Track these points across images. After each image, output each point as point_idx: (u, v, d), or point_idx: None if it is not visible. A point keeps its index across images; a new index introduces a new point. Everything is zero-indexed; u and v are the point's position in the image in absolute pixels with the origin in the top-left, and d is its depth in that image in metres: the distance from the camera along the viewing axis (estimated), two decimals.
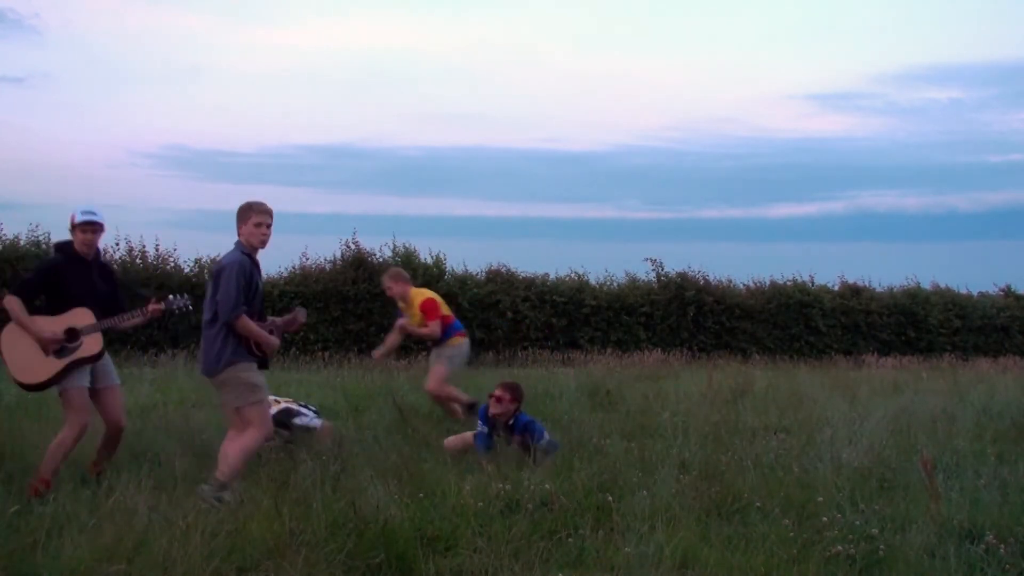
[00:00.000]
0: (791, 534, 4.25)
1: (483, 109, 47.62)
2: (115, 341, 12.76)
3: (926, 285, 20.00)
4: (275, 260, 15.71)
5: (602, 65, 49.17)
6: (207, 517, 4.00)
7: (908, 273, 20.30)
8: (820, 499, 4.83)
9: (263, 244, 5.06)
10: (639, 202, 45.55)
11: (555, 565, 3.92)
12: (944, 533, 4.32)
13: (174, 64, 43.49)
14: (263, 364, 5.09)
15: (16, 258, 13.72)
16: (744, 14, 49.19)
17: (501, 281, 16.78)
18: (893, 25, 48.59)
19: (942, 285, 20.18)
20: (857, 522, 4.49)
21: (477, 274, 16.85)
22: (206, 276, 12.54)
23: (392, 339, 7.82)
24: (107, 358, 5.31)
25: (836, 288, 19.24)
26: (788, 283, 18.71)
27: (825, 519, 4.49)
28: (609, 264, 18.40)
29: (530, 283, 16.97)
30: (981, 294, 20.80)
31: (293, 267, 16.07)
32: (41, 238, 14.25)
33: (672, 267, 18.07)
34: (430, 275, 15.76)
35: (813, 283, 18.99)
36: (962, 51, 49.99)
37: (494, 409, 6.09)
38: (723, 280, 18.41)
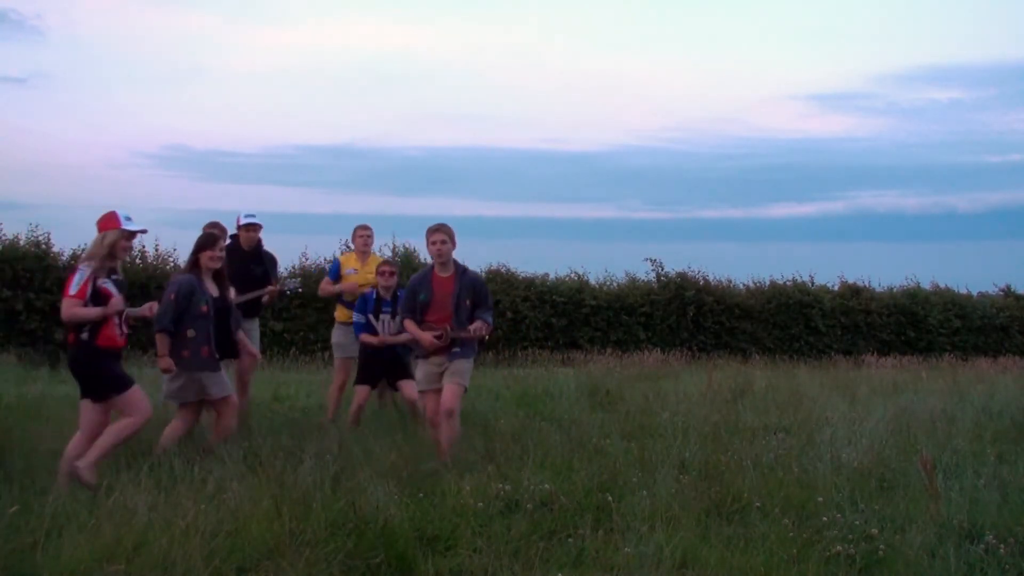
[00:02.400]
0: (791, 534, 4.25)
1: (483, 109, 47.62)
2: None
3: (926, 285, 20.01)
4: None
5: (602, 65, 49.17)
6: (207, 517, 4.00)
7: (908, 273, 20.33)
8: (820, 499, 4.84)
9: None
10: (639, 202, 45.55)
11: (555, 565, 3.92)
12: (944, 533, 4.32)
13: (175, 64, 43.51)
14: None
15: (16, 258, 13.70)
16: (744, 14, 49.19)
17: (501, 281, 16.78)
18: (893, 25, 48.60)
19: (942, 285, 20.19)
20: (857, 522, 4.49)
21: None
22: None
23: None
24: (246, 327, 6.59)
25: (836, 288, 19.24)
26: (788, 283, 18.71)
27: (825, 519, 4.49)
28: (609, 264, 18.41)
29: (530, 283, 16.98)
30: (981, 294, 20.81)
31: (293, 267, 16.07)
32: (41, 238, 14.24)
33: (672, 267, 18.09)
34: None
35: (813, 283, 18.99)
36: (962, 51, 49.99)
37: (387, 282, 7.01)
38: (723, 280, 18.42)
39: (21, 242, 14.17)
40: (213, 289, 5.89)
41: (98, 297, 5.09)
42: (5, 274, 13.45)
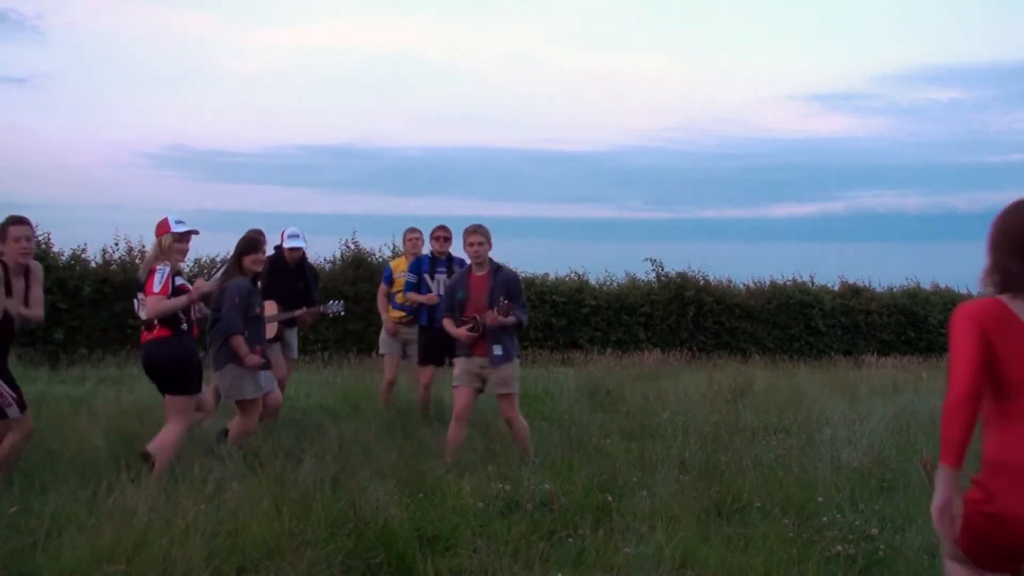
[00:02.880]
0: (791, 534, 4.25)
1: (483, 109, 47.83)
2: (115, 341, 12.78)
3: (926, 285, 19.97)
4: None
5: (602, 65, 49.27)
6: (207, 517, 4.00)
7: (908, 273, 20.26)
8: (820, 499, 4.84)
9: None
10: (639, 202, 45.76)
11: (555, 565, 3.92)
12: None
13: (175, 64, 43.62)
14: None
15: None
16: (744, 14, 49.25)
17: None
18: (893, 26, 48.69)
19: (942, 285, 20.16)
20: (857, 522, 4.50)
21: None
22: (205, 277, 12.57)
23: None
24: (287, 338, 6.95)
25: (836, 288, 19.22)
26: (788, 283, 18.69)
27: (825, 519, 4.49)
28: (609, 264, 18.34)
29: (530, 283, 16.95)
30: (981, 294, 20.78)
31: None
32: (41, 238, 14.21)
33: (672, 267, 18.04)
34: None
35: (813, 283, 18.96)
36: (962, 52, 50.13)
37: (441, 247, 7.36)
38: (723, 280, 18.37)
39: None
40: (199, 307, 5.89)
41: (176, 293, 5.34)
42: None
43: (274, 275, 6.79)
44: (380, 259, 15.95)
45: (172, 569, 3.58)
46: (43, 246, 14.07)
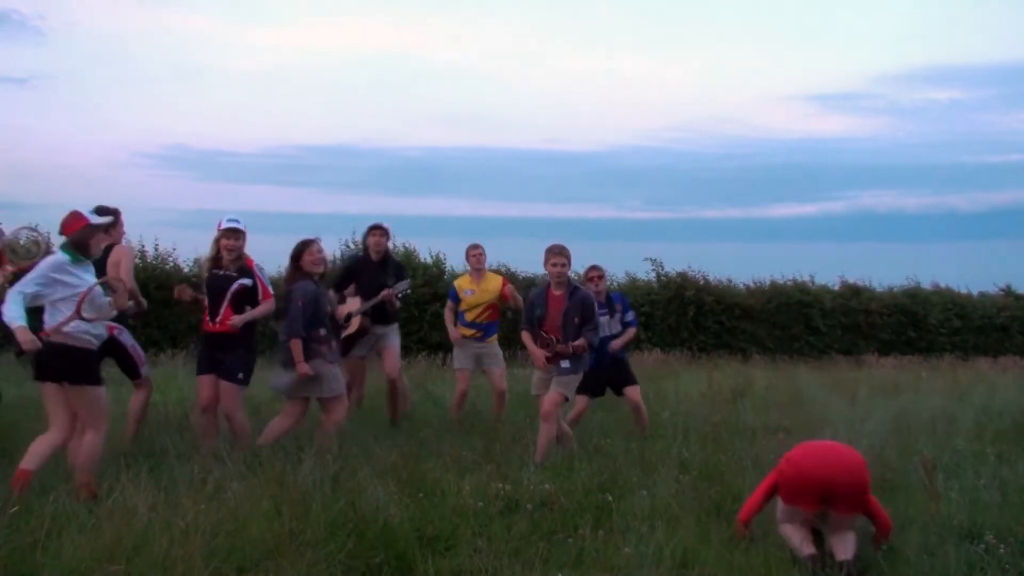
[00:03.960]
0: None
1: (483, 109, 47.60)
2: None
3: (926, 285, 19.98)
4: (275, 260, 15.69)
5: (602, 65, 49.18)
6: (207, 517, 4.00)
7: (908, 273, 20.26)
8: None
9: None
10: (639, 202, 45.49)
11: (555, 565, 3.92)
12: (944, 533, 4.32)
13: (175, 64, 43.47)
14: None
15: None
16: (745, 14, 49.20)
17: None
18: (893, 26, 48.59)
19: (942, 285, 20.17)
20: (857, 522, 4.49)
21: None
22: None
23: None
24: (383, 330, 7.16)
25: (836, 288, 19.23)
26: (788, 283, 18.69)
27: None
28: (609, 264, 18.34)
29: (530, 283, 16.93)
30: (981, 294, 20.78)
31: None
32: (41, 238, 14.24)
33: (672, 267, 18.05)
34: (430, 274, 15.75)
35: (813, 283, 18.96)
36: (962, 52, 49.96)
37: (597, 287, 7.32)
38: (723, 280, 18.38)
39: (21, 241, 14.16)
40: (271, 307, 6.16)
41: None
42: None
43: (361, 272, 7.08)
44: (495, 276, 15.95)
45: (172, 569, 3.58)
46: (44, 246, 14.03)
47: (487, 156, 44.68)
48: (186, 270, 15.32)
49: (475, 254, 7.99)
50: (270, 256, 7.38)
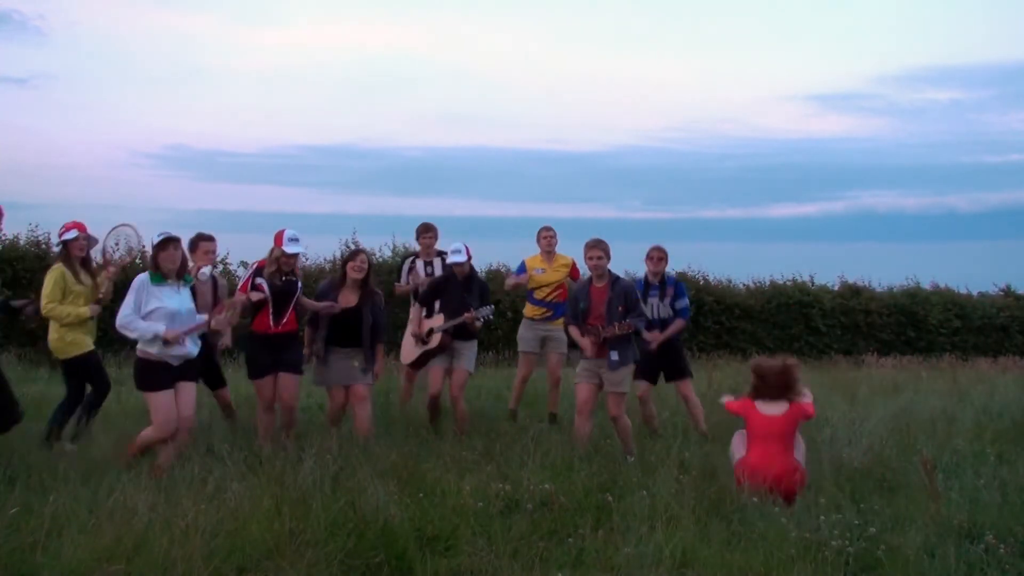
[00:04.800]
0: (791, 534, 4.25)
1: (483, 109, 47.63)
2: (115, 341, 12.73)
3: (926, 285, 19.97)
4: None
5: (602, 65, 49.20)
6: (207, 517, 4.00)
7: (908, 273, 20.24)
8: (820, 499, 4.84)
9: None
10: (639, 202, 45.51)
11: (555, 565, 3.92)
12: (944, 533, 4.32)
13: (175, 64, 43.49)
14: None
15: (16, 258, 13.70)
16: (744, 14, 49.20)
17: (501, 281, 16.75)
18: (893, 26, 48.62)
19: (942, 285, 20.16)
20: (857, 522, 4.49)
21: (477, 274, 16.81)
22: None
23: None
24: (461, 344, 7.27)
25: (836, 288, 19.22)
26: (788, 283, 18.68)
27: (825, 519, 4.49)
28: (609, 264, 18.32)
29: None
30: (981, 294, 20.78)
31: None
32: (41, 238, 14.21)
33: (672, 267, 18.06)
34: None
35: (813, 283, 18.95)
36: (962, 52, 50.00)
37: (655, 267, 7.50)
38: (723, 280, 18.38)
39: (21, 242, 14.16)
40: (352, 298, 6.55)
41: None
42: (5, 274, 13.45)
43: (447, 290, 7.29)
44: (380, 259, 15.95)
45: (172, 569, 3.58)
46: (43, 247, 14.07)
47: (487, 156, 44.71)
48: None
49: (547, 236, 8.10)
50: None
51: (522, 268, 8.23)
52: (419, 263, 8.16)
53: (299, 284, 6.49)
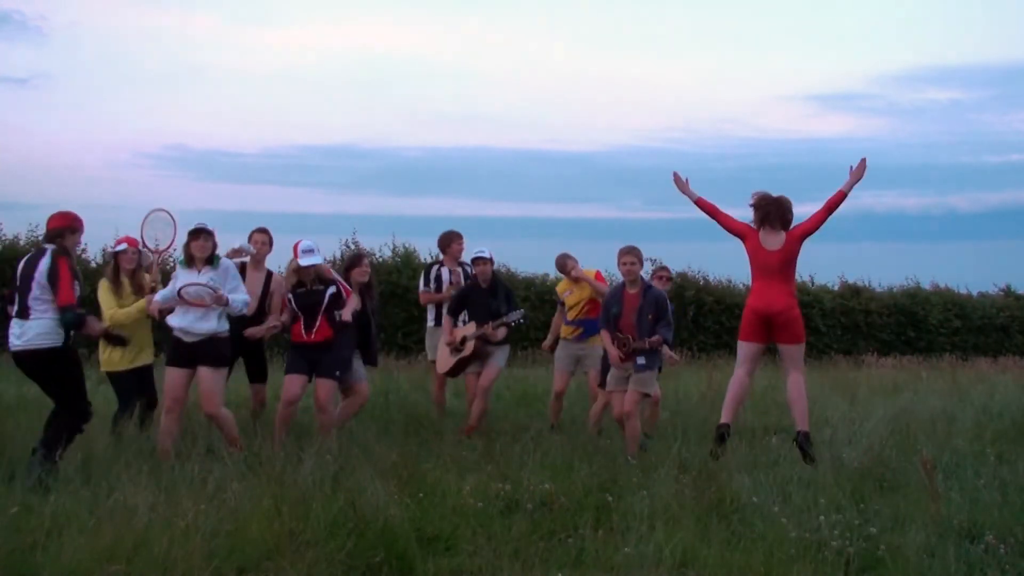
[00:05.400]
0: (791, 534, 4.25)
1: (483, 109, 47.59)
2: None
3: (926, 285, 20.00)
4: (275, 260, 15.67)
5: (602, 65, 49.19)
6: (207, 517, 4.00)
7: (908, 273, 20.30)
8: (820, 499, 4.83)
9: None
10: (639, 202, 45.47)
11: (555, 565, 3.92)
12: (944, 533, 4.32)
13: (175, 64, 43.45)
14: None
15: (16, 258, 13.69)
16: (744, 14, 49.19)
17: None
18: (893, 26, 48.62)
19: (942, 285, 20.18)
20: (857, 522, 4.49)
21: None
22: None
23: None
24: (493, 348, 7.36)
25: (836, 288, 19.23)
26: None
27: (825, 519, 4.49)
28: (609, 264, 18.30)
29: (530, 283, 16.95)
30: (981, 294, 20.81)
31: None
32: (41, 238, 14.25)
33: (672, 267, 18.04)
34: None
35: (813, 283, 18.97)
36: (962, 52, 49.99)
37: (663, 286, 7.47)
38: (723, 280, 18.38)
39: (21, 242, 14.15)
40: (356, 301, 6.58)
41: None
42: (5, 274, 13.44)
43: (471, 297, 7.40)
44: (381, 259, 15.96)
45: (172, 569, 3.58)
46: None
47: (487, 156, 44.68)
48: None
49: (571, 265, 7.90)
50: (270, 256, 7.34)
51: (560, 301, 8.04)
52: (444, 271, 8.08)
53: (328, 291, 6.44)
